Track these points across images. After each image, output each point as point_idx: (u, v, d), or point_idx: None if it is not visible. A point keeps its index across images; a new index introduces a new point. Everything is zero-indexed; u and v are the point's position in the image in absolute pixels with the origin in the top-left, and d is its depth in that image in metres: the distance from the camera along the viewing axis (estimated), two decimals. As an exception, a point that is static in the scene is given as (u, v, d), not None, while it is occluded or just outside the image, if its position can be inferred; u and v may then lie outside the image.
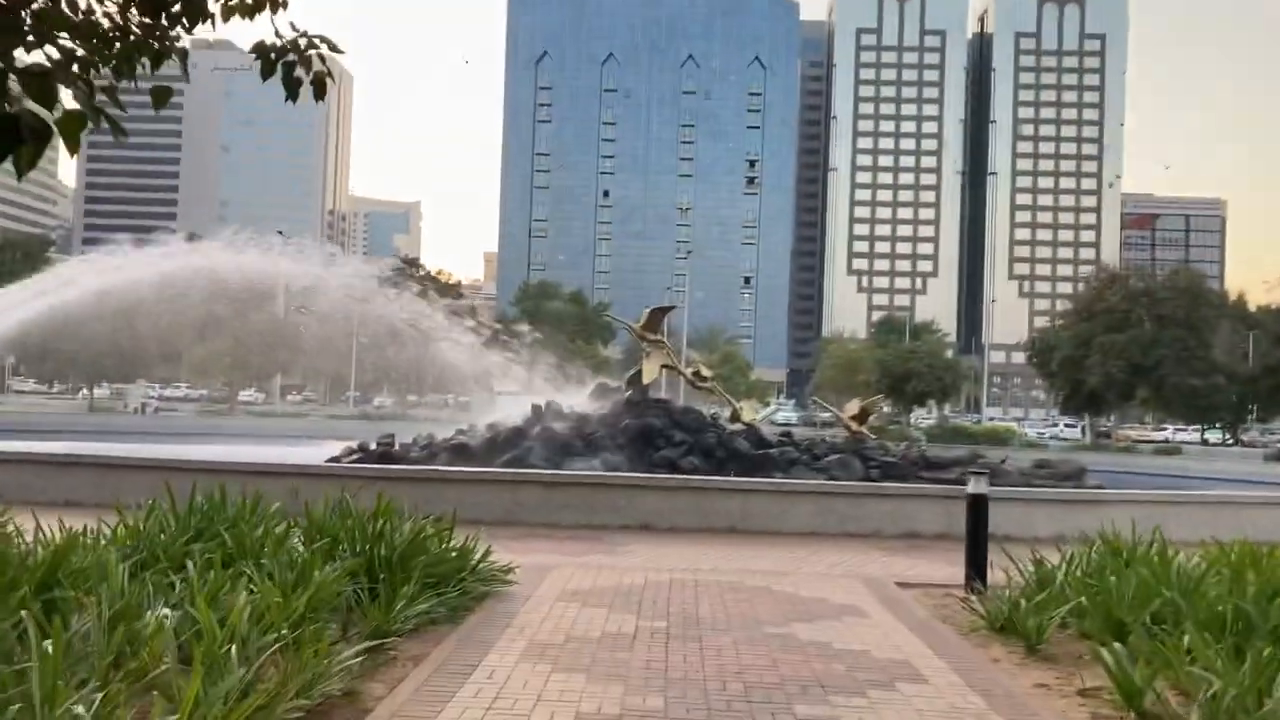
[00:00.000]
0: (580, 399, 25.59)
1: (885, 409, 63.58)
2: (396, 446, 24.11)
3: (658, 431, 23.63)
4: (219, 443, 31.47)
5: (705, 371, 26.05)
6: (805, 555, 12.88)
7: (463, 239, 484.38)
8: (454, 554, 9.56)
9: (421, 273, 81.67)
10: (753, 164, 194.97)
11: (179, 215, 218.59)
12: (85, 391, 68.87)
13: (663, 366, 25.26)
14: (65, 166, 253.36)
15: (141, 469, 14.53)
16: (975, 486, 10.53)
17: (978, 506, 10.37)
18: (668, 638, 8.12)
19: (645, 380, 24.54)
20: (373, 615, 7.54)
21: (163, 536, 8.90)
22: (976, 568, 10.28)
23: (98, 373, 63.52)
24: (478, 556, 9.77)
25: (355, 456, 23.19)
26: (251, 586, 7.41)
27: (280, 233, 39.38)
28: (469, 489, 14.44)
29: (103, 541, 8.49)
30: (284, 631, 6.16)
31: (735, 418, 25.64)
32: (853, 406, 25.54)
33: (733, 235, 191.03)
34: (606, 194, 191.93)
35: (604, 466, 22.61)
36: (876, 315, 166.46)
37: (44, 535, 7.89)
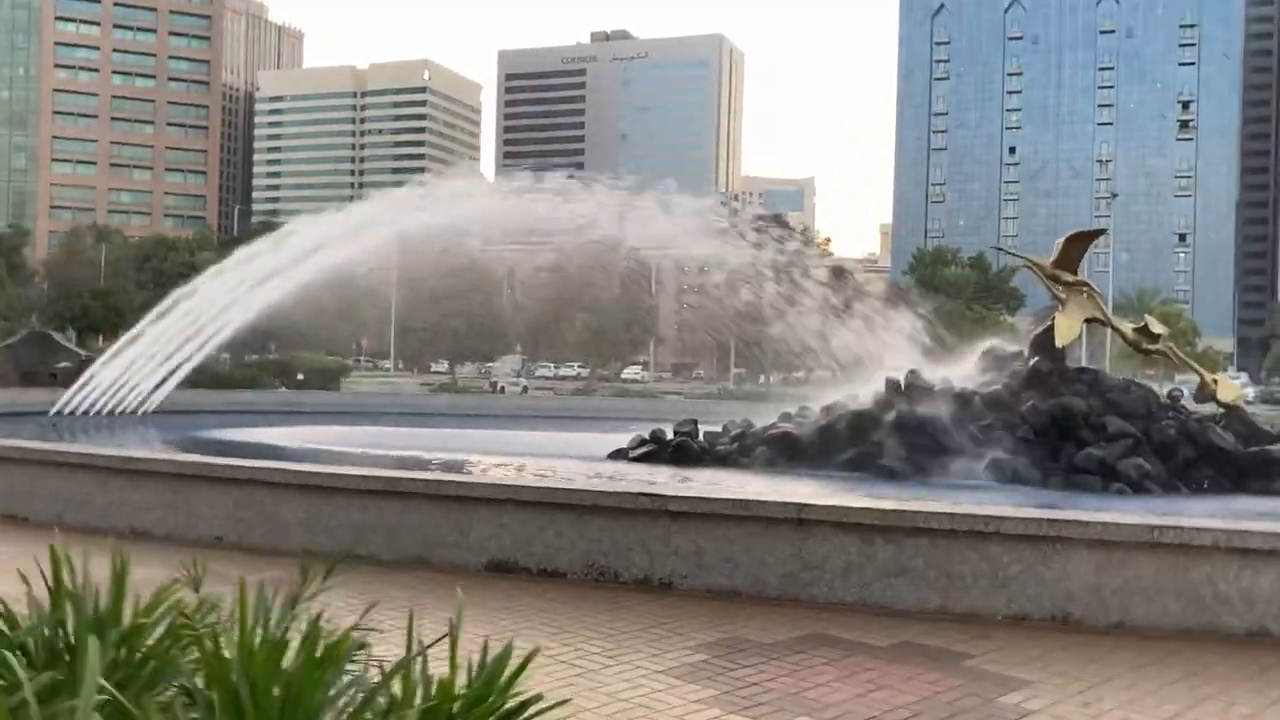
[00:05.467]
0: (963, 370, 18.03)
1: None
2: (700, 436, 17.93)
3: (1081, 417, 15.62)
4: (541, 427, 27.04)
5: (1156, 327, 17.47)
6: None
7: (858, 214, 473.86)
8: None
9: (785, 233, 75.27)
10: (1186, 105, 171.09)
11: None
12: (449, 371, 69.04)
13: (1087, 320, 17.18)
14: (486, 164, 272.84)
15: (224, 483, 9.26)
16: None
17: None
18: None
19: (1060, 341, 16.61)
20: None
21: None
22: None
23: (459, 351, 63.00)
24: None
25: (643, 450, 17.27)
26: None
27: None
28: (712, 530, 7.78)
29: None
30: None
31: (1206, 395, 17.03)
32: None
33: (1163, 187, 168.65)
34: (1012, 150, 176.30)
35: (995, 472, 15.01)
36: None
37: None
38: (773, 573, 7.63)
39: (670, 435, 17.47)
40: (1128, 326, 17.82)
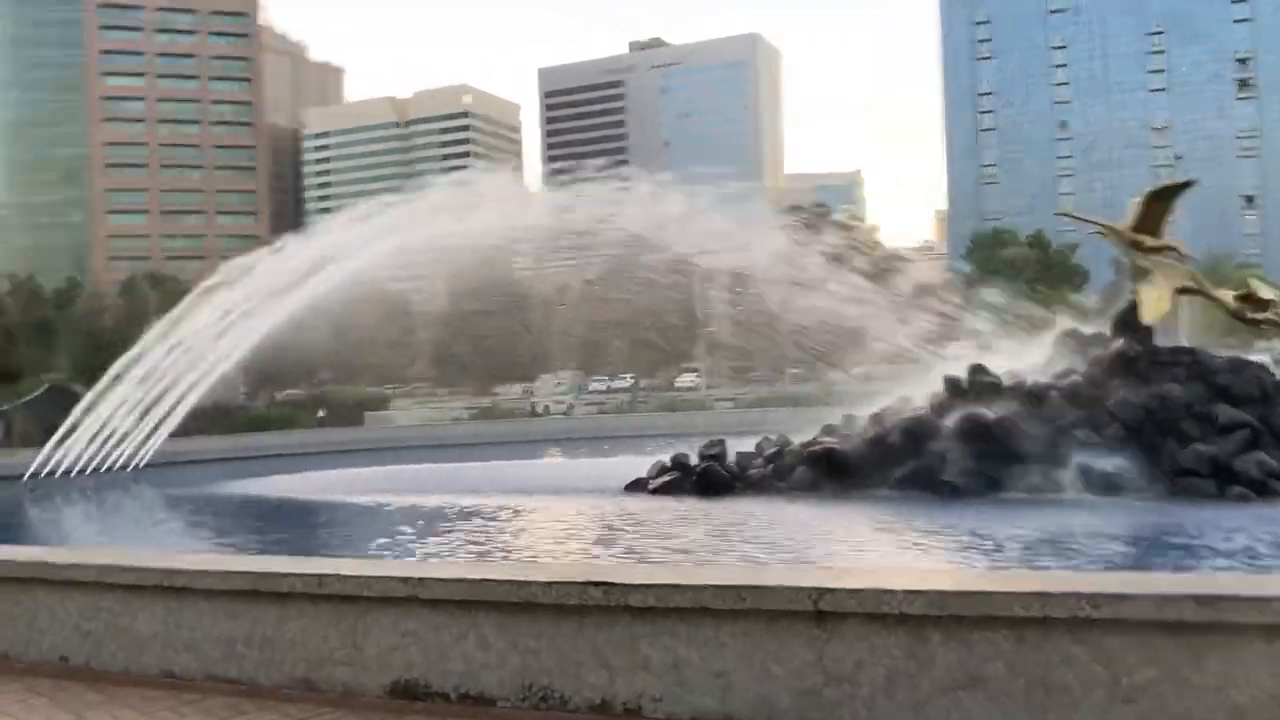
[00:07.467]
0: (1034, 359, 15.41)
1: None
2: (731, 458, 15.48)
3: (1183, 408, 12.93)
4: (568, 453, 24.79)
5: (1266, 293, 14.69)
6: None
7: (912, 202, 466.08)
8: None
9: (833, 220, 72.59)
10: (1244, 63, 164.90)
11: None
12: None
13: (1178, 291, 14.48)
14: (531, 177, 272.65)
15: (64, 587, 7.01)
16: None
17: None
18: None
19: (1148, 317, 13.95)
20: None
21: None
22: None
23: (503, 373, 60.93)
24: None
25: (664, 480, 14.88)
26: None
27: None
28: (694, 630, 5.39)
29: None
30: None
31: (1332, 371, 14.24)
32: None
33: (1225, 149, 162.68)
34: (1064, 125, 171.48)
35: (1083, 480, 12.37)
36: None
37: None
38: (784, 689, 5.22)
39: (696, 460, 15.05)
40: (1228, 294, 15.08)
